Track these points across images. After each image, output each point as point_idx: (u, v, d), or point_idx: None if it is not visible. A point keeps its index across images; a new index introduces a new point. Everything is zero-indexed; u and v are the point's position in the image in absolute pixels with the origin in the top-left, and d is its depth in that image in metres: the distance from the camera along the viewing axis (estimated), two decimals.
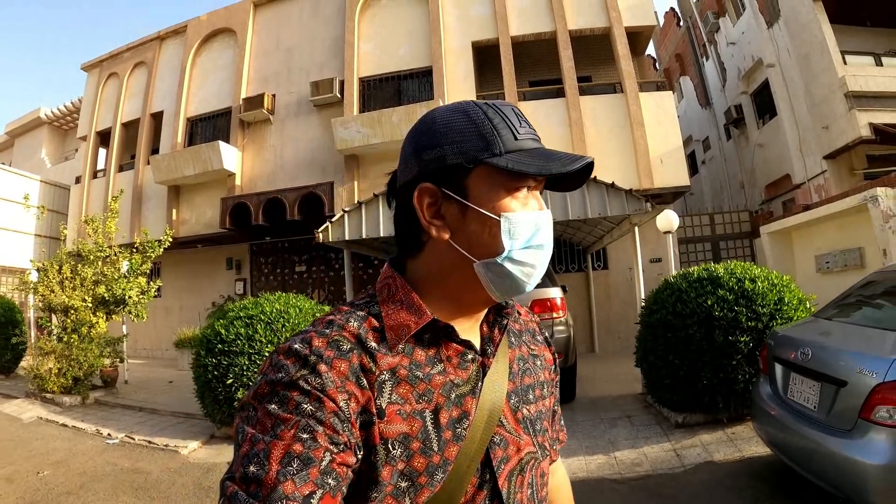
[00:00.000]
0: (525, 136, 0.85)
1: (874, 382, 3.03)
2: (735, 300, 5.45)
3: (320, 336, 0.77)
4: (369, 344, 0.79)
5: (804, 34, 13.85)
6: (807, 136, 14.12)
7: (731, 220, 14.39)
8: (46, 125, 24.24)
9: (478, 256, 0.84)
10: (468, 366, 0.87)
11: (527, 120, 0.88)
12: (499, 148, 0.82)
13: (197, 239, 15.23)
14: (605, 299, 13.03)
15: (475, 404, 0.84)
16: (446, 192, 0.84)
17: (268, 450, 0.67)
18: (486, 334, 0.94)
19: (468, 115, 0.85)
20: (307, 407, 0.70)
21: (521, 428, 0.90)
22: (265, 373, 0.75)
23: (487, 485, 0.84)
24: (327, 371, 0.73)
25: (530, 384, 0.97)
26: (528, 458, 0.90)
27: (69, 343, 9.55)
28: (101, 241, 10.41)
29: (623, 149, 12.55)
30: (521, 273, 0.84)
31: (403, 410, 0.78)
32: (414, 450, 0.77)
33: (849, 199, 9.24)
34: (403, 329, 0.82)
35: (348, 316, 0.83)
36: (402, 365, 0.81)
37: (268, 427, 0.69)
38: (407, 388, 0.79)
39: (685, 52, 21.75)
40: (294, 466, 0.66)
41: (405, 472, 0.76)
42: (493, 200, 0.83)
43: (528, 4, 13.87)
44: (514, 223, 0.83)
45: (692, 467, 4.71)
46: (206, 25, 16.67)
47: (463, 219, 0.84)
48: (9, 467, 6.00)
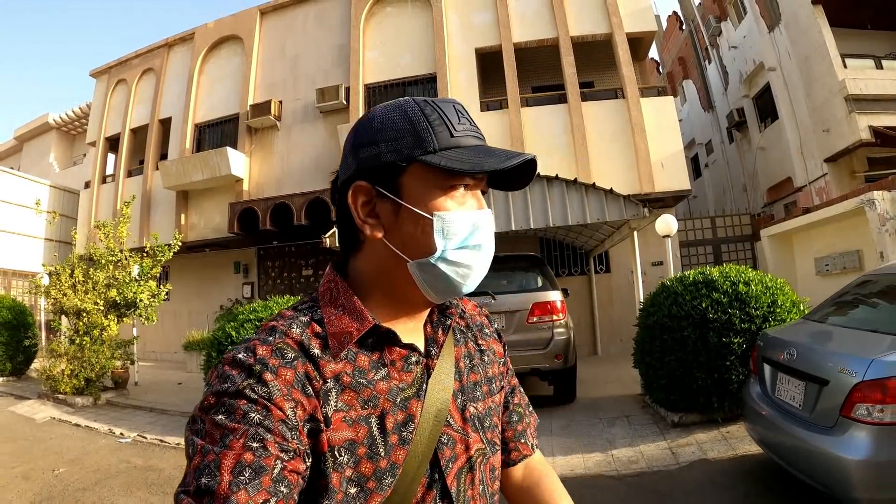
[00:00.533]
0: (462, 133, 0.84)
1: (854, 381, 3.17)
2: (729, 303, 5.59)
3: (264, 344, 0.77)
4: (312, 351, 0.79)
5: (804, 38, 13.95)
6: (808, 139, 14.22)
7: (733, 224, 14.47)
8: (54, 130, 24.41)
9: (411, 256, 0.83)
10: (412, 368, 0.87)
11: (468, 116, 0.87)
12: (433, 145, 0.81)
13: (205, 243, 15.40)
14: (607, 302, 13.13)
15: (420, 407, 0.85)
16: (381, 191, 0.83)
17: (218, 460, 0.66)
18: (430, 335, 0.94)
19: (405, 112, 0.84)
20: (255, 416, 0.69)
21: (468, 426, 0.91)
22: (211, 384, 0.74)
23: (436, 484, 0.84)
24: (273, 379, 0.73)
25: (477, 381, 0.98)
26: (477, 455, 0.91)
27: (81, 345, 9.74)
28: (113, 246, 10.59)
29: (624, 153, 12.69)
30: (455, 274, 0.84)
31: (349, 417, 0.78)
32: (360, 455, 0.77)
33: (846, 203, 9.37)
34: (345, 336, 0.82)
35: (290, 322, 0.82)
36: (346, 371, 0.80)
37: (217, 438, 0.68)
38: (352, 394, 0.79)
39: (688, 55, 21.84)
40: (246, 475, 0.66)
41: (353, 478, 0.76)
42: (427, 199, 0.82)
43: (530, 11, 14.04)
44: (448, 222, 0.82)
45: (686, 465, 4.86)
46: (213, 33, 16.87)
47: (396, 218, 0.84)
48: (25, 465, 6.16)
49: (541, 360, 6.96)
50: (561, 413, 7.02)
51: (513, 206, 8.41)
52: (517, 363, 7.00)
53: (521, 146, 12.91)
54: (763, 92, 16.44)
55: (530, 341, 7.01)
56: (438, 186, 0.82)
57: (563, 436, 6.00)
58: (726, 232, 14.43)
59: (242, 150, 15.18)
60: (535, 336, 7.02)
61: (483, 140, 0.87)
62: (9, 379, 11.99)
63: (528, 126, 13.23)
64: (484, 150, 0.83)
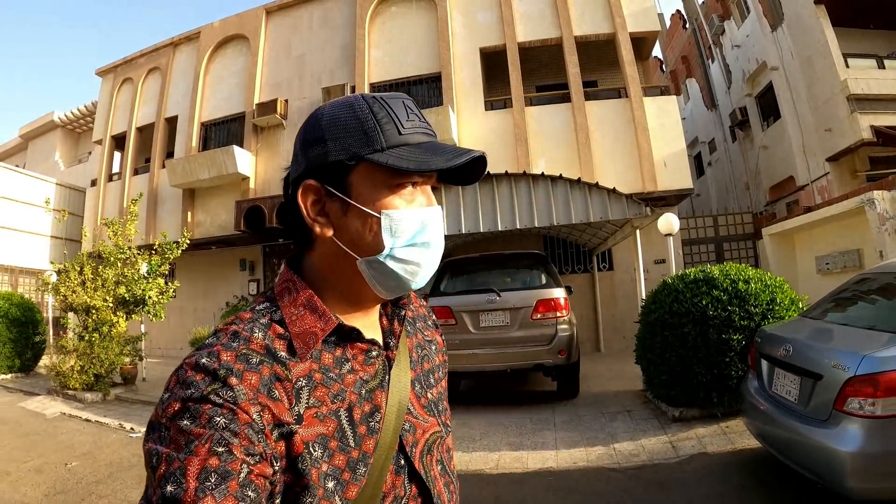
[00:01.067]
0: (411, 130, 0.83)
1: (847, 376, 3.29)
2: (729, 300, 5.69)
3: (227, 349, 0.75)
4: (278, 354, 0.79)
5: (807, 37, 14.02)
6: (810, 139, 14.30)
7: (735, 222, 14.53)
8: (60, 128, 24.55)
9: (360, 254, 0.84)
10: (373, 361, 0.89)
11: (418, 113, 0.87)
12: (380, 143, 0.81)
13: (211, 241, 15.53)
14: (610, 299, 13.22)
15: (385, 397, 0.87)
16: (329, 190, 0.84)
17: (184, 467, 0.65)
18: (387, 327, 0.95)
19: (353, 109, 0.84)
20: (220, 420, 0.68)
21: (425, 412, 0.95)
22: (172, 390, 0.72)
23: (404, 470, 0.87)
24: (238, 384, 0.71)
25: (430, 369, 1.02)
26: (434, 437, 0.94)
27: (91, 341, 9.87)
28: (122, 243, 10.71)
29: (628, 152, 12.79)
30: (404, 271, 0.84)
31: (320, 412, 0.79)
32: (333, 449, 0.78)
33: (847, 202, 9.45)
34: (311, 337, 0.82)
35: (252, 325, 0.81)
36: (314, 370, 0.81)
37: (182, 444, 0.67)
38: (323, 390, 0.80)
39: (691, 54, 21.89)
40: (212, 481, 0.65)
41: (329, 472, 0.77)
42: (376, 197, 0.83)
43: (534, 11, 14.14)
44: (396, 220, 0.83)
45: (686, 458, 4.98)
46: (218, 32, 16.99)
47: (345, 216, 0.84)
48: (37, 459, 6.27)
49: (544, 356, 7.07)
50: (564, 408, 7.14)
51: (517, 204, 8.52)
52: (521, 359, 7.14)
53: (524, 144, 13.02)
54: (766, 91, 16.51)
55: (534, 337, 7.13)
56: (386, 185, 0.83)
57: (566, 430, 6.12)
58: (728, 230, 14.48)
59: (248, 149, 15.31)
60: (538, 332, 7.14)
61: (433, 136, 0.87)
62: (17, 375, 12.17)
63: (532, 125, 13.32)
64: (432, 147, 0.84)
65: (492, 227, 8.60)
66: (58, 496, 5.14)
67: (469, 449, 5.75)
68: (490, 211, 8.63)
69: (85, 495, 5.13)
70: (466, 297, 7.41)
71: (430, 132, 0.87)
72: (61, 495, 5.15)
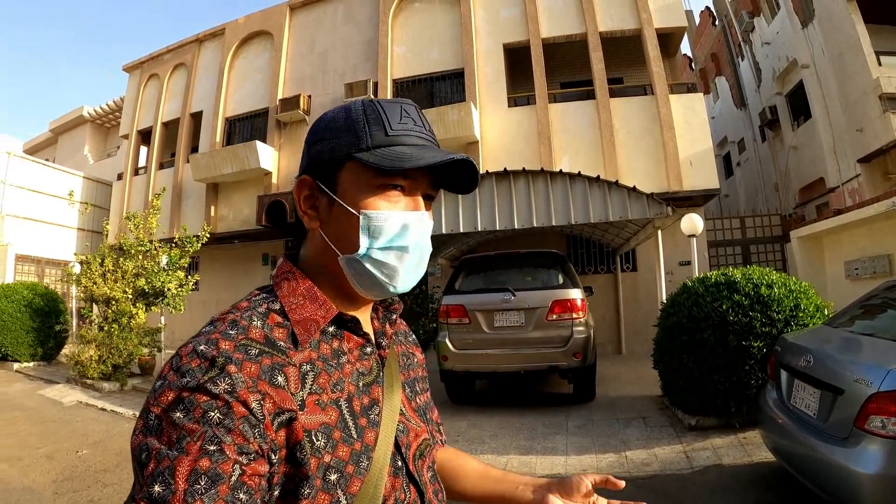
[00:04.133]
0: (400, 132, 0.84)
1: (870, 392, 3.07)
2: (750, 305, 5.47)
3: (226, 338, 0.74)
4: (279, 343, 0.78)
5: (838, 34, 13.62)
6: (841, 139, 13.90)
7: (763, 224, 14.23)
8: (89, 123, 24.94)
9: (342, 251, 0.85)
10: (367, 358, 0.89)
11: (414, 117, 0.87)
12: (366, 143, 0.83)
13: (234, 235, 15.67)
14: (632, 301, 13.02)
15: (381, 392, 0.87)
16: (320, 185, 0.86)
17: (173, 467, 0.63)
18: (378, 329, 0.96)
19: (349, 111, 0.86)
20: (214, 415, 0.66)
21: (417, 416, 0.96)
22: (165, 377, 0.71)
23: (401, 471, 0.86)
24: (237, 371, 0.70)
25: (414, 378, 1.03)
26: (425, 444, 0.95)
27: (110, 332, 9.99)
28: (142, 236, 10.81)
29: (652, 151, 12.57)
30: (381, 274, 0.85)
31: (321, 400, 0.77)
32: (336, 439, 0.76)
33: (878, 205, 9.16)
34: (312, 324, 0.82)
35: (250, 314, 0.80)
36: (314, 358, 0.81)
37: (173, 440, 0.65)
38: (325, 377, 0.80)
39: (720, 51, 21.50)
40: (202, 484, 0.63)
41: (332, 464, 0.75)
42: (358, 197, 0.84)
43: (558, 6, 13.96)
44: (374, 221, 0.83)
45: (700, 469, 4.79)
46: (243, 28, 17.11)
47: (331, 212, 0.86)
48: (50, 446, 6.37)
49: (560, 358, 6.93)
50: (578, 411, 6.99)
51: (535, 202, 8.39)
52: (536, 360, 7.01)
53: (548, 142, 12.87)
54: (796, 89, 16.11)
55: (549, 338, 7.00)
56: (370, 185, 0.83)
57: (578, 435, 5.98)
58: (756, 232, 14.19)
59: (271, 144, 15.39)
60: (554, 333, 7.00)
61: (429, 140, 0.87)
62: (39, 364, 12.36)
63: (556, 122, 13.16)
64: (421, 149, 0.84)
65: (508, 225, 8.48)
66: (65, 482, 5.20)
67: (477, 451, 5.65)
68: (507, 208, 8.51)
69: (92, 483, 5.19)
70: (481, 296, 7.30)
71: (425, 136, 0.87)
72: (69, 482, 5.22)
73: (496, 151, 13.03)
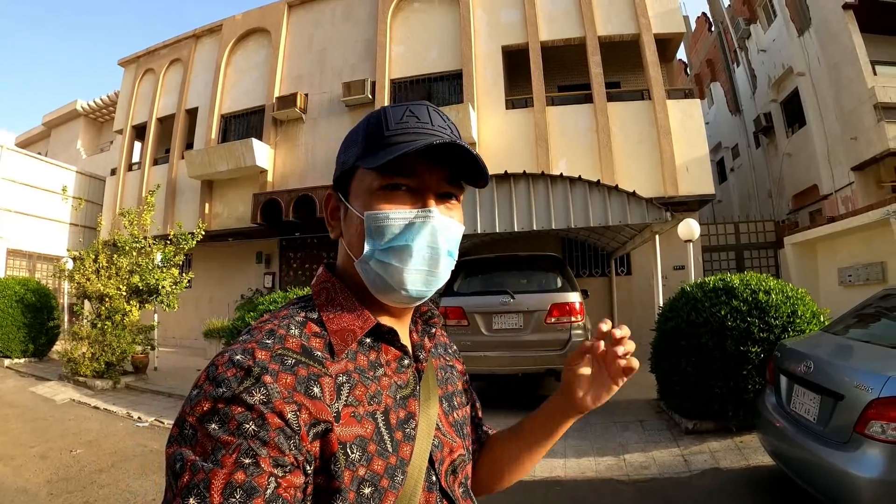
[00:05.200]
0: (396, 131, 0.84)
1: (870, 398, 3.13)
2: (748, 311, 5.53)
3: (263, 348, 0.73)
4: (315, 353, 0.77)
5: (834, 43, 13.73)
6: (835, 147, 14.01)
7: (756, 230, 14.27)
8: (83, 117, 24.80)
9: (355, 255, 0.86)
10: (405, 371, 0.88)
11: (420, 114, 0.86)
12: (369, 148, 0.84)
13: (228, 232, 15.59)
14: (627, 305, 13.04)
15: (418, 406, 0.87)
16: (339, 195, 0.90)
17: (208, 480, 0.63)
18: (417, 341, 0.95)
19: (366, 121, 0.88)
20: (250, 427, 0.66)
21: (453, 431, 0.95)
22: (201, 386, 0.70)
23: (435, 486, 0.85)
24: (272, 382, 0.70)
25: (452, 392, 1.02)
26: (460, 460, 0.93)
27: (103, 329, 9.93)
28: (137, 233, 10.76)
29: (649, 156, 12.63)
30: (386, 274, 0.83)
31: (357, 413, 0.77)
32: (372, 453, 0.76)
33: (871, 213, 9.25)
34: (349, 334, 0.82)
35: (287, 322, 0.80)
36: (351, 369, 0.80)
37: (208, 451, 0.65)
38: (362, 389, 0.79)
39: (716, 57, 21.61)
40: (237, 498, 0.63)
41: (367, 477, 0.75)
42: (363, 200, 0.84)
43: (557, 10, 14.01)
44: (374, 221, 0.83)
45: (698, 473, 4.85)
46: (240, 25, 17.07)
47: (346, 219, 0.88)
48: (43, 445, 6.31)
49: (557, 361, 6.94)
50: None
51: (535, 205, 8.42)
52: (534, 363, 7.03)
53: (545, 144, 12.92)
54: (791, 97, 16.22)
55: (547, 341, 7.02)
56: (374, 187, 0.84)
57: (576, 438, 6.00)
58: (749, 238, 14.24)
59: (267, 142, 15.36)
60: (552, 336, 7.03)
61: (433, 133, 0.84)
62: (31, 360, 12.28)
63: (553, 125, 13.21)
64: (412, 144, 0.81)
65: (508, 228, 8.50)
66: (60, 483, 5.14)
67: None
68: (507, 211, 8.53)
69: (87, 483, 5.13)
70: (480, 299, 7.31)
71: (429, 130, 0.85)
72: (63, 482, 5.16)
73: (494, 153, 13.03)
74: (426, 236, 0.84)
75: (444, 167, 0.86)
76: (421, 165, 0.83)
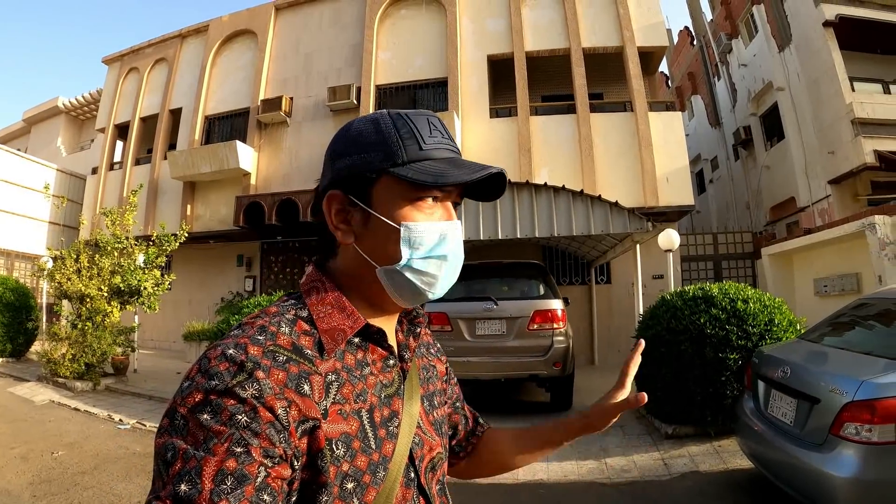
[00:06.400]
0: (432, 146, 0.86)
1: (844, 401, 3.27)
2: (727, 319, 5.68)
3: (255, 343, 0.75)
4: (305, 351, 0.79)
5: (814, 59, 14.07)
6: (813, 160, 14.32)
7: (734, 241, 14.49)
8: (64, 114, 24.55)
9: (379, 262, 0.86)
10: (390, 370, 0.90)
11: (441, 129, 0.90)
12: (401, 158, 0.84)
13: (210, 235, 15.49)
14: (606, 313, 13.19)
15: (401, 405, 0.89)
16: (353, 200, 0.87)
17: (200, 467, 0.64)
18: (402, 341, 0.97)
19: (378, 124, 0.87)
20: (241, 418, 0.67)
21: (433, 429, 0.97)
22: (193, 378, 0.72)
23: (413, 483, 0.88)
24: (265, 378, 0.71)
25: (433, 391, 1.04)
26: (438, 457, 0.96)
27: (83, 330, 9.83)
28: (119, 233, 10.67)
29: (630, 166, 12.82)
30: (420, 282, 0.86)
31: (344, 410, 0.79)
32: (356, 449, 0.78)
33: (847, 226, 9.44)
34: (339, 334, 0.84)
35: (278, 320, 0.82)
36: (339, 368, 0.82)
37: (200, 440, 0.66)
38: (349, 388, 0.81)
39: (697, 70, 21.96)
40: (228, 484, 0.64)
41: (350, 472, 0.77)
42: (395, 209, 0.85)
43: (543, 21, 14.19)
44: (415, 232, 0.85)
45: (678, 475, 4.95)
46: (227, 26, 17.00)
47: (366, 226, 0.87)
48: (24, 446, 6.23)
49: (540, 367, 7.04)
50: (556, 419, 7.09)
51: (519, 213, 8.50)
52: (517, 369, 7.10)
53: (528, 154, 13.04)
54: (770, 111, 16.56)
55: (530, 348, 7.10)
56: (406, 198, 0.85)
57: None
58: (727, 249, 14.45)
59: (251, 145, 15.30)
60: (535, 343, 7.11)
61: (456, 152, 0.90)
62: (8, 360, 12.14)
63: (536, 134, 13.35)
64: (453, 162, 0.87)
65: (492, 235, 8.58)
66: (42, 485, 5.08)
67: None
68: (491, 219, 8.61)
69: (70, 486, 5.08)
70: (463, 305, 7.37)
71: (454, 148, 0.90)
72: (46, 484, 5.10)
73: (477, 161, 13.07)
74: (456, 245, 0.89)
75: None
76: None
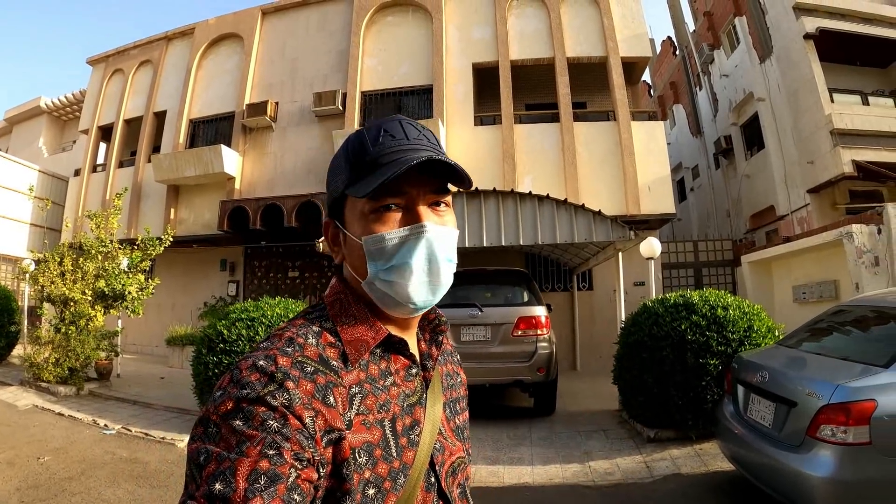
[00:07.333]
0: (376, 154, 0.87)
1: (820, 404, 3.40)
2: (707, 326, 5.81)
3: (284, 355, 0.78)
4: (331, 362, 0.82)
5: (794, 71, 14.31)
6: (792, 170, 14.56)
7: (715, 248, 14.67)
8: (46, 115, 24.24)
9: (360, 277, 0.89)
10: (412, 379, 0.92)
11: (394, 132, 0.89)
12: (354, 175, 0.88)
13: (193, 239, 15.39)
14: (588, 319, 13.30)
15: (423, 413, 0.91)
16: (336, 223, 0.93)
17: (234, 467, 0.66)
18: (425, 350, 0.99)
19: (346, 145, 0.92)
20: (273, 423, 0.69)
21: (454, 435, 0.99)
22: (225, 388, 0.74)
23: (433, 487, 0.89)
24: (294, 388, 0.73)
25: (456, 397, 1.07)
26: (459, 462, 0.98)
27: (67, 334, 9.70)
28: (104, 237, 10.58)
29: (613, 175, 12.96)
30: (393, 292, 0.87)
31: (367, 420, 0.81)
32: (377, 457, 0.80)
33: (826, 234, 9.65)
34: (362, 344, 0.86)
35: (305, 332, 0.84)
36: (363, 379, 0.84)
37: (233, 444, 0.68)
38: (372, 399, 0.83)
39: (680, 80, 22.23)
40: (262, 483, 0.65)
41: (371, 479, 0.78)
42: (359, 224, 0.88)
43: (528, 30, 14.34)
44: (370, 244, 0.86)
45: (661, 478, 5.06)
46: (213, 29, 16.95)
47: (346, 245, 0.92)
48: (9, 452, 6.17)
49: (524, 373, 7.14)
50: (541, 424, 7.20)
51: (503, 221, 8.58)
52: (501, 374, 7.18)
53: (511, 161, 13.14)
54: (751, 121, 16.81)
55: (514, 354, 7.20)
56: (364, 211, 0.87)
57: (542, 446, 6.17)
58: (708, 256, 14.62)
59: (236, 149, 15.24)
60: (519, 349, 7.21)
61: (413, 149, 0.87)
62: None
63: (520, 142, 13.45)
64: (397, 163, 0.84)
65: (477, 243, 8.64)
66: (30, 491, 5.06)
67: None
68: (476, 226, 8.66)
69: (58, 491, 5.05)
70: (448, 311, 7.36)
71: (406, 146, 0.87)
72: (33, 490, 5.07)
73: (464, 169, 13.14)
74: (423, 250, 0.87)
75: (430, 178, 0.88)
76: (406, 182, 0.86)
